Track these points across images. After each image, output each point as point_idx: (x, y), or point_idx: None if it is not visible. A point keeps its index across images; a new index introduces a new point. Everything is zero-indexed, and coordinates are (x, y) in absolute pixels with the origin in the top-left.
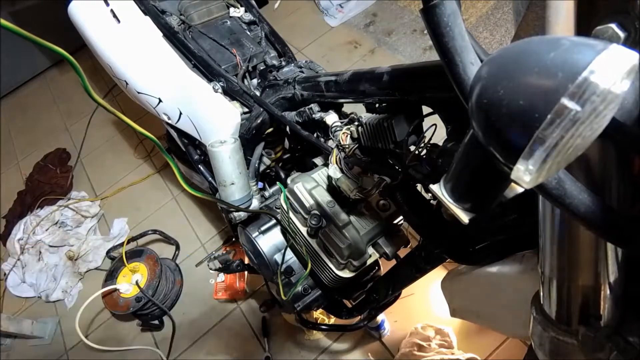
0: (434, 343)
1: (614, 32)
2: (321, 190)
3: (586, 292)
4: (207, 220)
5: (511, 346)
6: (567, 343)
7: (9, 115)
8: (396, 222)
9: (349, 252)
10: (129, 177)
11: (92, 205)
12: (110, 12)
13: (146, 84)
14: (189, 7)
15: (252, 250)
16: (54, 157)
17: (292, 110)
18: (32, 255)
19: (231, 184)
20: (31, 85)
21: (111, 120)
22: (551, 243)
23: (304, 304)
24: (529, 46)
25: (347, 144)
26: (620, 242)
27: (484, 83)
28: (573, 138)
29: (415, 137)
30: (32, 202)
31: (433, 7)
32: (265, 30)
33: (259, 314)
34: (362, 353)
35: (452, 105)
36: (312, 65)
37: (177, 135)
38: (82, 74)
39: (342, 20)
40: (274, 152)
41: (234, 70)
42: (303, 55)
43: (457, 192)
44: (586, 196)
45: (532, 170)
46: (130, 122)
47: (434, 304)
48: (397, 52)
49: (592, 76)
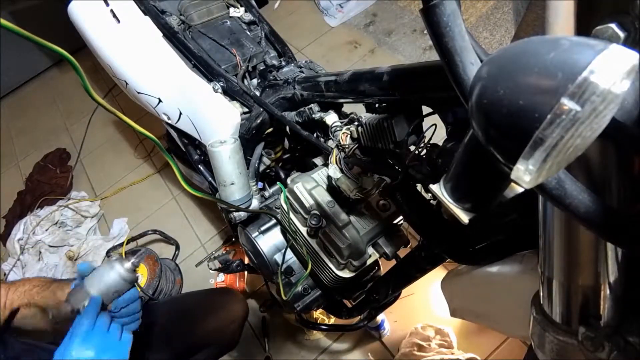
0: (434, 343)
1: (614, 32)
2: (321, 190)
3: (586, 292)
4: (207, 220)
5: (511, 346)
6: (567, 343)
7: (9, 115)
8: (396, 222)
9: (349, 252)
10: (129, 177)
11: (92, 205)
12: (110, 12)
13: (146, 84)
14: (189, 7)
15: (252, 250)
16: (54, 157)
17: (292, 110)
18: (32, 255)
19: (231, 184)
20: (31, 85)
21: (111, 120)
22: (551, 243)
23: (304, 304)
24: (529, 46)
25: (347, 144)
26: (620, 242)
27: (484, 83)
28: (573, 138)
29: (415, 137)
30: (32, 202)
31: (433, 7)
32: (265, 30)
33: (259, 314)
34: (362, 353)
35: (452, 105)
36: (312, 65)
37: (177, 135)
38: (82, 74)
39: (342, 20)
40: (274, 152)
41: (234, 70)
42: (303, 55)
43: (457, 192)
44: (586, 196)
45: (532, 170)
46: (130, 122)
47: (434, 304)
48: (397, 52)
49: (592, 76)
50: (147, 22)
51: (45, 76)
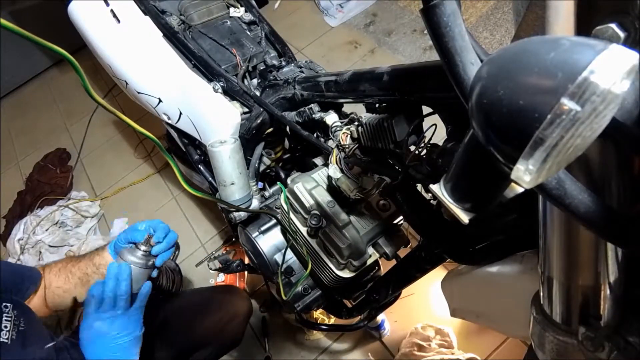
0: (434, 343)
1: (614, 32)
2: (321, 190)
3: (586, 292)
4: (207, 220)
5: (511, 346)
6: (567, 343)
7: (9, 115)
8: (396, 222)
9: (349, 252)
10: (129, 177)
11: (92, 205)
12: (110, 12)
13: (146, 84)
14: (189, 7)
15: (252, 250)
16: (54, 157)
17: (292, 110)
18: (32, 255)
19: (231, 184)
20: (31, 85)
21: (111, 120)
22: (551, 243)
23: (304, 304)
24: (529, 46)
25: (347, 144)
26: (620, 242)
27: (484, 83)
28: (573, 138)
29: (415, 137)
30: (32, 202)
31: (433, 7)
32: (265, 30)
33: (259, 314)
34: (362, 353)
35: (452, 105)
36: (312, 65)
37: (177, 135)
38: (82, 74)
39: (342, 20)
40: (274, 152)
41: (234, 70)
42: (303, 55)
43: (457, 192)
44: (586, 196)
45: (532, 170)
46: (130, 122)
47: (434, 304)
48: (397, 52)
49: (592, 76)
50: (147, 22)
51: (45, 76)
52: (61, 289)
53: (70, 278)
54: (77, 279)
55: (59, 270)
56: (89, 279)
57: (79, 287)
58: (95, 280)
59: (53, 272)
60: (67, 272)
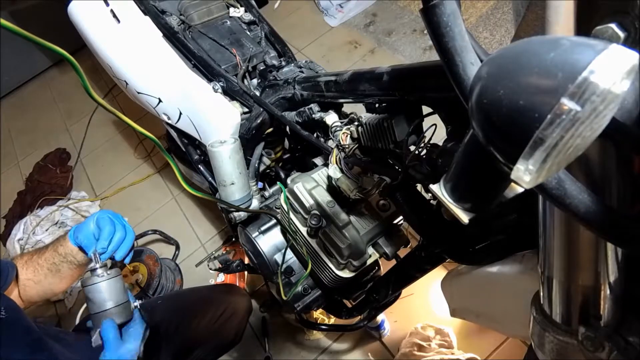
0: (434, 343)
1: (614, 32)
2: (321, 190)
3: (586, 292)
4: (207, 220)
5: (511, 346)
6: (567, 343)
7: (9, 115)
8: (396, 222)
9: (349, 252)
10: (129, 177)
11: (92, 205)
12: (110, 12)
13: (146, 84)
14: (189, 7)
15: (252, 250)
16: (54, 157)
17: (292, 110)
18: None
19: (231, 184)
20: (31, 85)
21: (111, 120)
22: (551, 243)
23: (304, 304)
24: (529, 46)
25: (347, 144)
26: (620, 242)
27: (484, 83)
28: (573, 138)
29: (415, 137)
30: (32, 202)
31: (433, 7)
32: (265, 30)
33: (259, 314)
34: (362, 353)
35: (452, 105)
36: (312, 65)
37: (177, 135)
38: (82, 74)
39: (342, 20)
40: (274, 152)
41: (234, 70)
42: (303, 55)
43: (457, 192)
44: (586, 196)
45: (532, 170)
46: (130, 122)
47: (434, 304)
48: (397, 52)
49: (592, 76)
50: (147, 22)
51: (45, 76)
52: (32, 281)
53: (39, 269)
54: (47, 270)
55: (26, 263)
56: (58, 267)
57: (49, 277)
58: (64, 268)
59: (19, 265)
60: (35, 264)
